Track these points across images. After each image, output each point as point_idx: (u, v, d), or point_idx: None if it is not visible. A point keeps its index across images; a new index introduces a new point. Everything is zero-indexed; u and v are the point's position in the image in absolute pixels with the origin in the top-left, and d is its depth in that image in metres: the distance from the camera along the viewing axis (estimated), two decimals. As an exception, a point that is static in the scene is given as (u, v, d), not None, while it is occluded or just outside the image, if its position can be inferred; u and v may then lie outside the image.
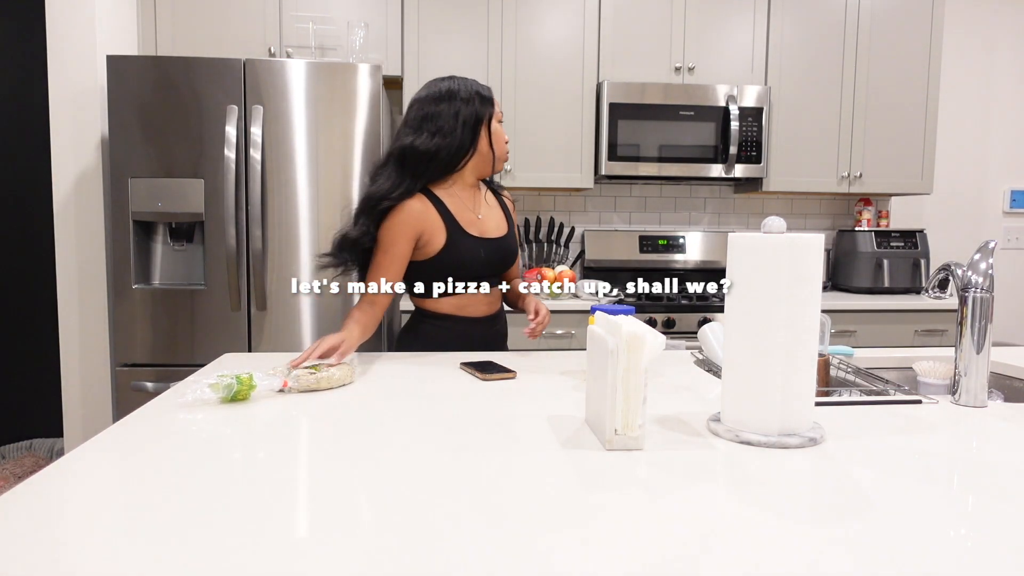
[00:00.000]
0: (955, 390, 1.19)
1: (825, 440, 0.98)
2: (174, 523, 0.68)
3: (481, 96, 1.62)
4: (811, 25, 3.10)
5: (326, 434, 0.98)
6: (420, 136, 1.56)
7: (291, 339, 2.47)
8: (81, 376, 2.58)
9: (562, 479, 0.81)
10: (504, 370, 1.37)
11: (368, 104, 2.44)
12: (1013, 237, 3.69)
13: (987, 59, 3.61)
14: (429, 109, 1.58)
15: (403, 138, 1.58)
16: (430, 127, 1.57)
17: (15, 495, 0.74)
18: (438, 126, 1.57)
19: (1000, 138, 3.65)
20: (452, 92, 1.60)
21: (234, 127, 2.36)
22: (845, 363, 1.46)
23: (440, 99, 1.59)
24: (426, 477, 0.81)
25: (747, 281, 0.96)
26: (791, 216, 3.51)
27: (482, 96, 1.63)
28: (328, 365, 1.31)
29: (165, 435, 0.96)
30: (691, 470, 0.84)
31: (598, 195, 3.38)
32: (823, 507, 0.73)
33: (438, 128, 1.57)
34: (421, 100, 1.61)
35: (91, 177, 2.53)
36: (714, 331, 1.45)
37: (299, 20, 2.82)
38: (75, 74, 2.51)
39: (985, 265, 1.19)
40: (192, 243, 2.54)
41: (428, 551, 0.62)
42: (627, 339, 0.90)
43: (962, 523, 0.70)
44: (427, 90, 1.62)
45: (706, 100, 2.97)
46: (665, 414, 1.10)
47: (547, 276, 2.93)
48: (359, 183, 2.45)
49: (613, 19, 3.00)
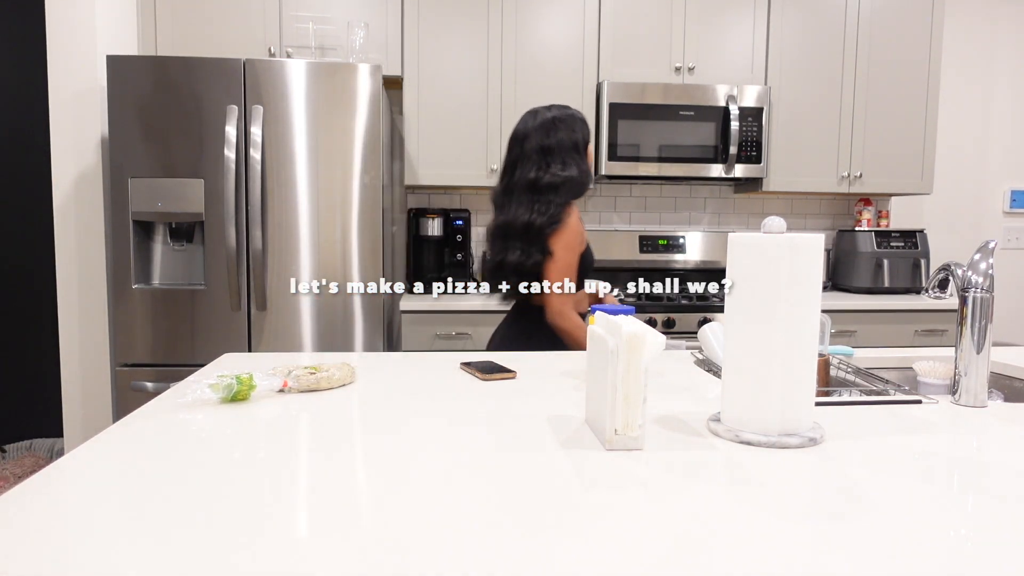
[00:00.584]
0: (955, 390, 1.19)
1: (825, 440, 0.98)
2: (174, 523, 0.68)
3: (584, 122, 1.80)
4: (811, 25, 3.10)
5: (326, 434, 0.98)
6: (558, 166, 1.71)
7: (291, 339, 2.47)
8: (81, 376, 2.58)
9: (562, 479, 0.81)
10: (504, 370, 1.37)
11: (368, 104, 2.44)
12: (1013, 237, 3.69)
13: (987, 59, 3.61)
14: (551, 141, 1.72)
15: (536, 171, 1.71)
16: (560, 157, 1.72)
17: (15, 495, 0.74)
18: (566, 156, 1.72)
19: (1000, 138, 3.65)
20: (565, 120, 1.75)
21: (234, 127, 2.36)
22: (845, 363, 1.46)
23: (557, 129, 1.73)
24: (426, 477, 0.81)
25: (747, 281, 0.96)
26: (791, 216, 3.51)
27: (585, 121, 1.80)
28: (329, 365, 1.31)
29: (165, 435, 0.96)
30: (691, 470, 0.84)
31: (598, 195, 3.38)
32: (823, 507, 0.73)
33: (568, 158, 1.72)
34: (536, 131, 1.73)
35: (91, 177, 2.54)
36: (714, 331, 1.45)
37: (299, 20, 2.82)
38: (75, 74, 2.51)
39: (985, 265, 1.19)
40: (192, 243, 2.54)
41: (428, 551, 0.62)
42: (627, 339, 0.90)
43: (962, 523, 0.70)
44: (538, 120, 1.74)
45: (706, 100, 2.97)
46: (665, 414, 1.10)
47: (547, 276, 2.92)
48: (359, 183, 2.45)
49: (613, 19, 3.00)
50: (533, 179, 1.70)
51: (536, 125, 1.74)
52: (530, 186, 1.71)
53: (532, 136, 1.74)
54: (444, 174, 2.96)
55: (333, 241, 2.47)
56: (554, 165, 1.70)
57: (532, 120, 1.75)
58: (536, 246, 1.72)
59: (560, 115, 1.74)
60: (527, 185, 1.71)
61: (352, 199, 2.46)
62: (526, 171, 1.72)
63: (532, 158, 1.72)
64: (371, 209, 2.47)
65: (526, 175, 1.71)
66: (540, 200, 1.70)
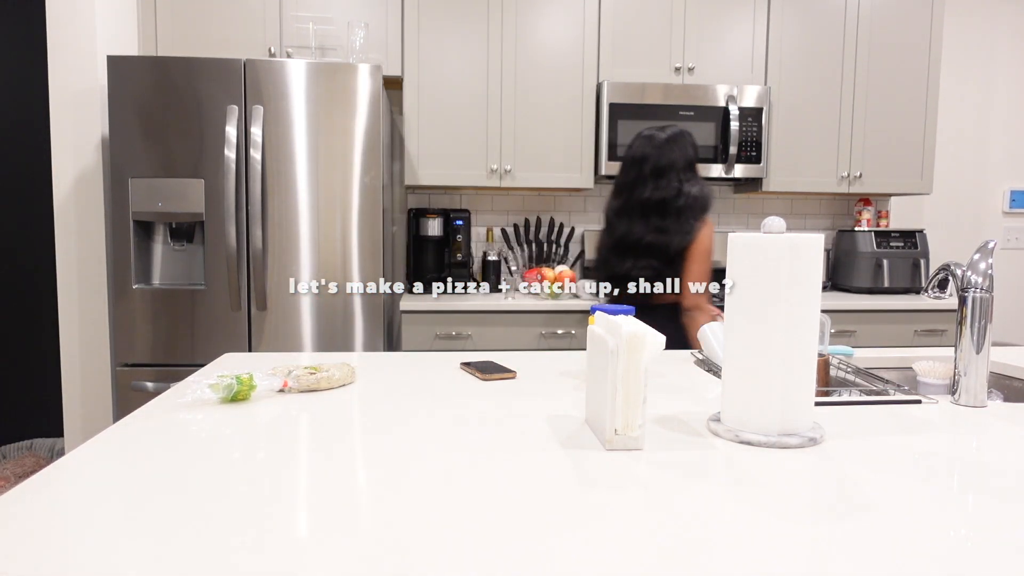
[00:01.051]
0: (955, 390, 1.19)
1: (825, 440, 0.98)
2: (174, 523, 0.68)
3: (692, 136, 1.98)
4: (811, 25, 3.10)
5: (326, 434, 0.98)
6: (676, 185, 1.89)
7: (291, 339, 2.47)
8: (81, 376, 2.58)
9: (562, 479, 0.81)
10: (504, 370, 1.37)
11: (368, 104, 2.44)
12: (1013, 237, 3.69)
13: (987, 59, 3.61)
14: (665, 162, 1.89)
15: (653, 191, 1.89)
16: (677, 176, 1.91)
17: (15, 495, 0.74)
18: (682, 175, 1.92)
19: (1000, 138, 3.65)
20: (677, 140, 1.92)
21: (234, 127, 2.36)
22: (845, 363, 1.46)
23: (672, 149, 1.90)
24: (426, 477, 0.81)
25: (747, 281, 0.96)
26: (791, 216, 3.51)
27: (692, 136, 1.98)
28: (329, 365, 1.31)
29: (165, 435, 0.96)
30: (691, 470, 0.84)
31: (598, 195, 3.38)
32: (823, 507, 0.73)
33: (684, 176, 1.92)
34: (653, 153, 1.89)
35: (91, 177, 2.54)
36: (714, 331, 1.45)
37: (299, 20, 2.82)
38: (75, 74, 2.51)
39: (985, 265, 1.19)
40: (192, 243, 2.54)
41: (428, 551, 0.62)
42: (627, 339, 0.90)
43: (962, 523, 0.70)
44: (654, 143, 1.91)
45: (706, 100, 2.97)
46: (665, 414, 1.10)
47: (547, 276, 2.93)
48: (359, 183, 2.45)
49: (613, 19, 3.00)
50: (643, 200, 1.88)
51: (652, 148, 1.90)
52: (646, 204, 1.88)
53: (650, 158, 1.90)
54: (444, 174, 2.96)
55: (333, 241, 2.47)
56: (672, 184, 1.88)
57: (648, 143, 1.91)
58: (674, 258, 1.94)
59: (672, 135, 1.90)
60: (644, 204, 1.88)
61: (352, 199, 2.46)
62: (638, 193, 1.89)
63: (645, 180, 1.89)
64: (371, 209, 2.47)
65: (637, 198, 1.89)
66: (666, 217, 1.88)
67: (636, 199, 1.90)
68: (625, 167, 1.96)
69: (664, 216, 1.87)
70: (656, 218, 1.87)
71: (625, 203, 1.91)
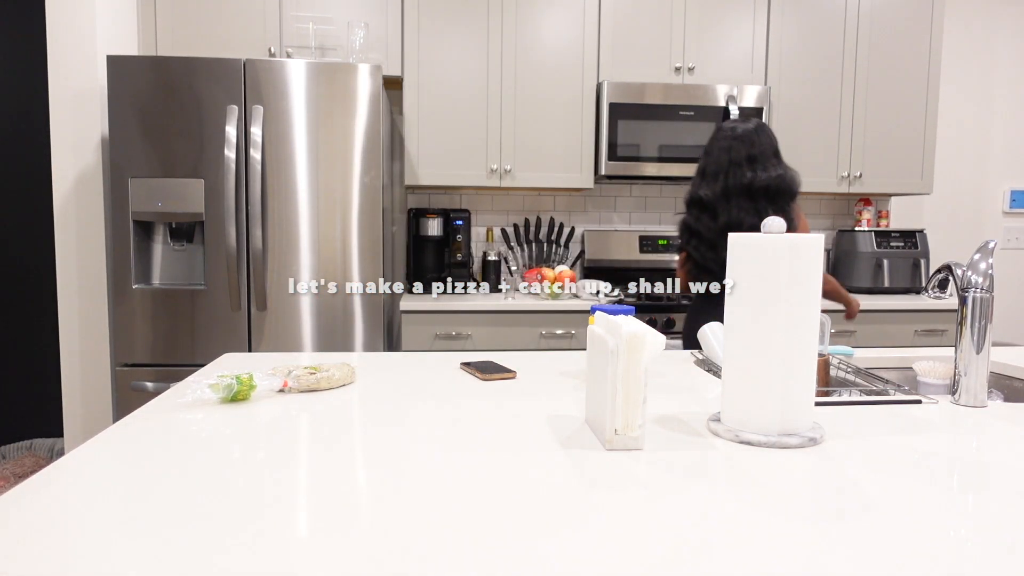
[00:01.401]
0: (955, 390, 1.19)
1: (825, 440, 0.98)
2: (174, 523, 0.68)
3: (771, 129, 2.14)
4: (811, 25, 3.10)
5: (326, 434, 0.98)
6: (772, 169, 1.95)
7: (291, 339, 2.47)
8: (81, 376, 2.58)
9: (562, 479, 0.81)
10: (504, 370, 1.37)
11: (368, 104, 2.44)
12: (1013, 237, 3.69)
13: (987, 59, 3.61)
14: (756, 150, 1.96)
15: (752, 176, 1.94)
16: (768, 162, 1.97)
17: (15, 495, 0.74)
18: (773, 159, 1.98)
19: (1000, 138, 3.65)
20: (763, 129, 1.99)
21: (234, 127, 2.36)
22: (845, 363, 1.46)
23: (760, 138, 1.97)
24: (426, 477, 0.81)
25: (747, 281, 0.96)
26: (791, 216, 3.51)
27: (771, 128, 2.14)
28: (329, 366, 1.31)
29: (165, 435, 0.96)
30: (691, 470, 0.84)
31: (598, 195, 3.38)
32: (823, 507, 0.73)
33: (774, 161, 1.97)
34: (741, 141, 1.96)
35: (91, 177, 2.54)
36: (714, 331, 1.45)
37: (299, 20, 2.82)
38: (75, 74, 2.51)
39: (985, 265, 1.19)
40: (192, 243, 2.54)
41: (428, 551, 0.62)
42: (627, 339, 0.90)
43: (962, 523, 0.70)
44: (739, 131, 1.98)
45: (706, 100, 2.97)
46: (665, 414, 1.10)
47: (547, 276, 2.93)
48: (359, 183, 2.45)
49: (613, 19, 3.00)
50: (746, 184, 1.93)
51: (739, 135, 1.97)
52: (744, 190, 1.94)
53: (738, 146, 1.96)
54: (444, 174, 2.96)
55: (333, 241, 2.47)
56: (769, 169, 1.94)
57: (734, 132, 1.98)
58: None
59: (757, 124, 1.99)
60: (744, 189, 1.93)
61: (352, 199, 2.46)
62: (738, 178, 1.94)
63: (740, 165, 1.95)
64: (371, 209, 2.47)
65: (738, 181, 1.93)
66: (762, 203, 1.94)
67: (736, 184, 1.95)
68: (713, 154, 2.01)
69: (769, 200, 1.94)
70: (763, 201, 1.94)
71: (724, 188, 1.96)
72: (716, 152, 1.99)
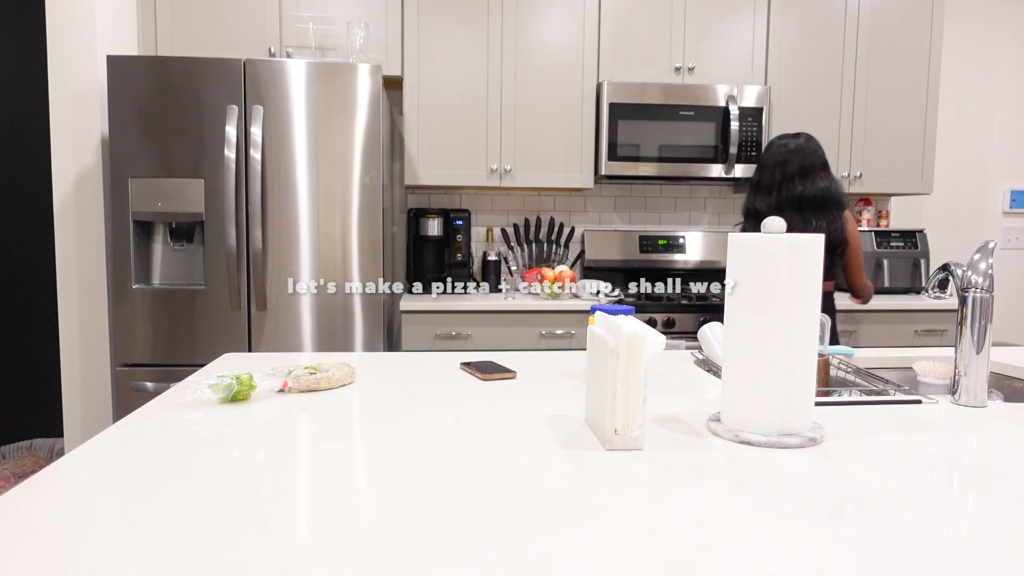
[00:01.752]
0: (955, 390, 1.19)
1: (825, 440, 0.98)
2: (174, 523, 0.68)
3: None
4: (811, 25, 3.10)
5: (326, 434, 0.98)
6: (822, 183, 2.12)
7: (291, 339, 2.47)
8: (81, 376, 2.58)
9: (562, 479, 0.81)
10: (504, 370, 1.37)
11: (368, 104, 2.44)
12: (1013, 237, 3.69)
13: (987, 59, 3.61)
14: (808, 163, 2.11)
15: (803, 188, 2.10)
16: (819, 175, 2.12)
17: (15, 495, 0.74)
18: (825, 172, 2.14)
19: (1000, 138, 3.65)
20: (813, 143, 2.14)
21: (234, 127, 2.36)
22: (845, 363, 1.46)
23: (810, 152, 2.13)
24: (426, 477, 0.81)
25: (747, 281, 0.96)
26: (791, 216, 3.51)
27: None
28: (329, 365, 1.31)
29: (165, 435, 0.96)
30: (691, 470, 0.84)
31: (598, 195, 3.38)
32: (823, 507, 0.73)
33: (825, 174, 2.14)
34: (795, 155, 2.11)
35: (91, 177, 2.54)
36: (714, 331, 1.45)
37: (299, 20, 2.82)
38: (75, 74, 2.51)
39: (985, 265, 1.19)
40: (192, 243, 2.54)
41: (428, 551, 0.62)
42: (627, 339, 0.90)
43: (962, 523, 0.70)
44: (792, 146, 2.13)
45: (706, 100, 2.97)
46: (665, 414, 1.10)
47: (547, 276, 2.93)
48: (359, 183, 2.45)
49: (613, 19, 3.00)
50: (796, 196, 2.08)
51: (791, 150, 2.12)
52: (797, 201, 2.09)
53: (793, 159, 2.11)
54: (444, 174, 2.96)
55: (333, 241, 2.47)
56: (818, 181, 2.09)
57: (785, 148, 2.13)
58: (836, 253, 2.18)
59: (807, 138, 2.14)
60: (795, 201, 2.09)
61: (352, 199, 2.46)
62: (789, 190, 2.09)
63: (793, 179, 2.10)
64: (371, 209, 2.47)
65: (789, 193, 2.09)
66: (809, 213, 2.10)
67: (789, 196, 2.09)
68: (768, 168, 2.15)
69: (817, 211, 2.09)
70: (810, 213, 2.09)
71: (778, 200, 2.11)
72: (771, 166, 2.14)
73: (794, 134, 2.16)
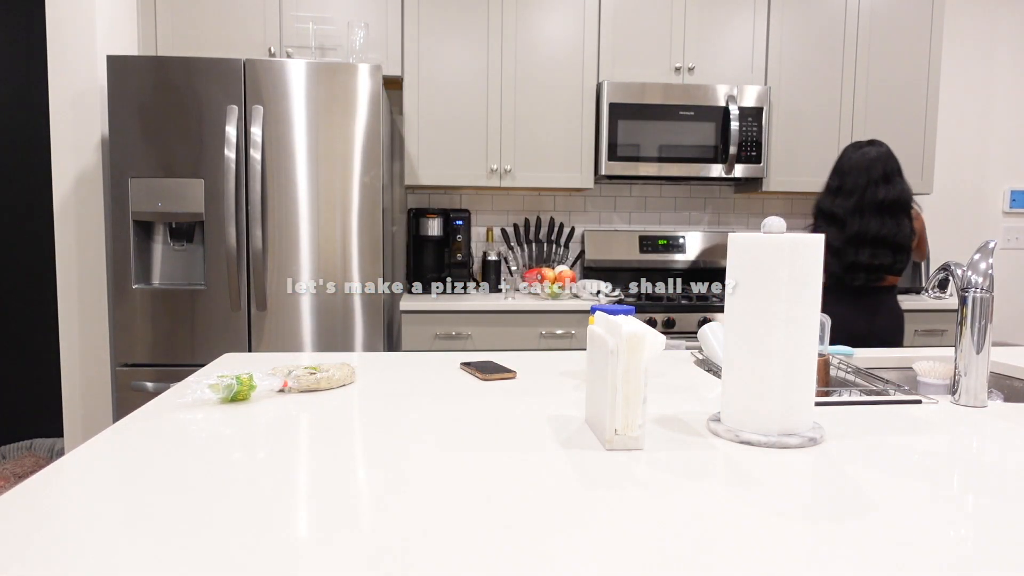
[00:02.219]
0: (955, 390, 1.19)
1: (825, 440, 0.98)
2: (174, 523, 0.68)
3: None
4: (811, 25, 3.10)
5: (326, 434, 0.98)
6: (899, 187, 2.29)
7: (291, 339, 2.47)
8: (81, 376, 2.58)
9: (562, 479, 0.81)
10: (504, 370, 1.37)
11: (368, 104, 2.44)
12: (1013, 237, 3.69)
13: (987, 59, 3.61)
14: (890, 168, 2.30)
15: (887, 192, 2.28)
16: (898, 179, 2.31)
17: (15, 495, 0.74)
18: (901, 177, 2.32)
19: (1000, 138, 3.65)
20: (889, 150, 2.31)
21: (234, 127, 2.37)
22: (845, 363, 1.46)
23: (889, 159, 2.30)
24: (426, 477, 0.81)
25: (747, 281, 0.96)
26: (791, 216, 3.51)
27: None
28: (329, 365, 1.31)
29: (165, 435, 0.96)
30: (691, 470, 0.84)
31: (598, 195, 3.38)
32: (823, 507, 0.73)
33: (902, 179, 2.32)
34: (878, 161, 2.28)
35: (91, 177, 2.54)
36: (714, 331, 1.45)
37: (299, 20, 2.82)
38: (75, 74, 2.51)
39: (985, 265, 1.19)
40: (192, 243, 2.54)
41: (428, 551, 0.62)
42: (627, 339, 0.90)
43: (962, 523, 0.70)
44: (874, 152, 2.30)
45: (706, 100, 2.97)
46: (665, 414, 1.10)
47: (547, 276, 2.93)
48: (359, 183, 2.46)
49: (613, 19, 3.00)
50: (879, 200, 2.25)
51: (874, 158, 2.28)
52: (876, 206, 2.26)
53: (876, 165, 2.27)
54: (444, 174, 2.96)
55: (333, 241, 2.47)
56: (895, 185, 2.27)
57: (868, 155, 2.29)
58: (904, 250, 2.33)
59: (884, 146, 2.31)
60: (874, 206, 2.26)
61: (352, 199, 2.46)
62: (873, 194, 2.26)
63: (876, 183, 2.27)
64: (371, 209, 2.47)
65: (872, 198, 2.25)
66: (887, 215, 2.27)
67: (871, 200, 2.26)
68: (851, 172, 2.31)
69: (894, 214, 2.27)
70: (888, 216, 2.27)
71: (859, 204, 2.28)
72: (855, 172, 2.30)
73: (869, 141, 2.33)
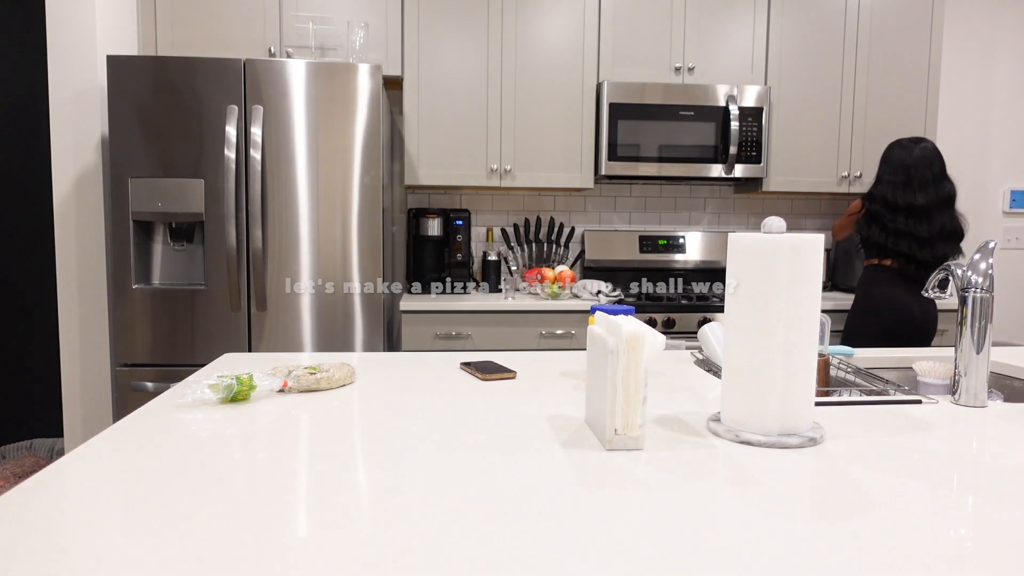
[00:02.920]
0: (955, 390, 1.19)
1: (825, 440, 0.98)
2: (174, 523, 0.68)
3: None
4: (811, 25, 3.10)
5: (326, 434, 0.98)
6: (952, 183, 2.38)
7: (291, 339, 2.47)
8: (81, 376, 2.58)
9: (562, 479, 0.81)
10: (504, 370, 1.37)
11: (368, 104, 2.44)
12: (1013, 237, 3.69)
13: (986, 59, 3.61)
14: (942, 166, 2.36)
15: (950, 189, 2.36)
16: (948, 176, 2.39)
17: (15, 495, 0.74)
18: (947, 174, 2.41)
19: (1000, 138, 3.65)
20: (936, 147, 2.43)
21: (234, 127, 2.36)
22: (845, 363, 1.46)
23: (940, 155, 2.38)
24: (426, 477, 0.81)
25: (747, 281, 0.96)
26: (791, 216, 3.51)
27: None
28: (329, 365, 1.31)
29: (165, 435, 0.96)
30: (691, 470, 0.84)
31: (598, 195, 3.38)
32: (823, 507, 0.73)
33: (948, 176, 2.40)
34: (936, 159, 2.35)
35: (91, 177, 2.54)
36: (714, 331, 1.45)
37: (299, 20, 2.82)
38: (75, 74, 2.51)
39: (985, 265, 1.19)
40: (192, 243, 2.54)
41: (428, 551, 0.62)
42: (627, 339, 0.90)
43: (962, 523, 0.70)
44: (930, 148, 2.36)
45: (706, 100, 2.97)
46: (665, 414, 1.10)
47: (547, 276, 2.93)
48: (359, 183, 2.46)
49: (613, 19, 3.00)
50: (948, 195, 2.34)
51: (930, 152, 2.35)
52: (947, 200, 2.34)
53: (934, 162, 2.35)
54: (444, 174, 2.96)
55: (333, 241, 2.47)
56: (951, 181, 2.36)
57: (927, 148, 2.35)
58: (959, 241, 2.41)
59: (931, 142, 2.37)
60: (945, 200, 2.34)
61: (352, 199, 2.46)
62: (941, 189, 2.33)
63: (940, 178, 2.34)
64: (371, 209, 2.47)
65: (942, 192, 2.33)
66: (953, 210, 2.36)
67: (943, 194, 2.33)
68: (916, 167, 2.34)
69: (953, 207, 2.36)
70: (954, 210, 2.36)
71: (935, 197, 2.33)
72: (920, 166, 2.34)
73: (916, 138, 2.38)
